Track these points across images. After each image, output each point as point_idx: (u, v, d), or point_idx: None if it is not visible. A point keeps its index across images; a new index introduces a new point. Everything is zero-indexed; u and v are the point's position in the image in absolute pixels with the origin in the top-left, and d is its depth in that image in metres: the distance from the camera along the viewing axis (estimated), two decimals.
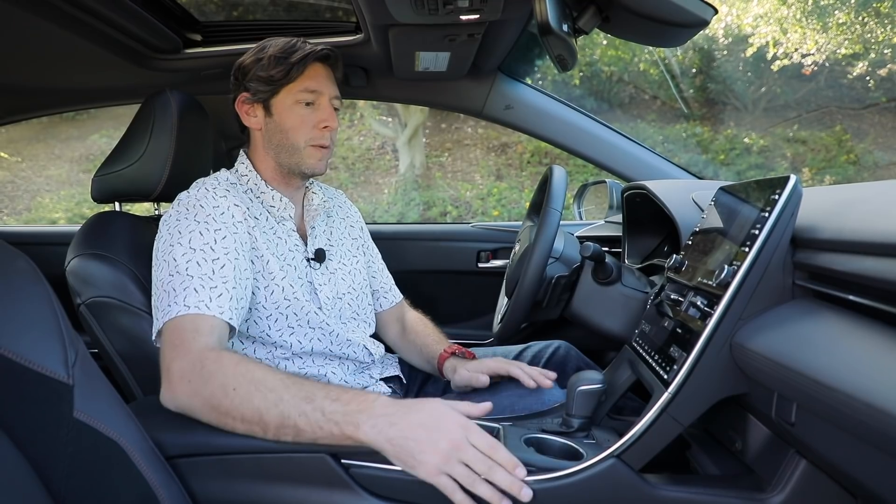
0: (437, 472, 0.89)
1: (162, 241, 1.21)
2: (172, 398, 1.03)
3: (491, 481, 0.89)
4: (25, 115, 2.24)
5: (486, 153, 9.03)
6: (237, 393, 0.97)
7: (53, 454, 0.79)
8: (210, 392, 0.99)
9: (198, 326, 1.08)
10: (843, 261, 0.82)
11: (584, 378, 1.12)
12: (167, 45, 1.70)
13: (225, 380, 0.99)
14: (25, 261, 0.84)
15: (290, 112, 1.34)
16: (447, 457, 0.89)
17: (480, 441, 0.91)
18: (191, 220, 1.21)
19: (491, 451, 0.90)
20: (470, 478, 0.89)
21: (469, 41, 1.59)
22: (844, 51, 8.08)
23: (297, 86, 1.33)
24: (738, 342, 0.90)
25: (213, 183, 1.31)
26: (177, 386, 1.02)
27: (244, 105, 1.38)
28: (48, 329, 0.81)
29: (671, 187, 1.50)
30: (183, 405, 1.02)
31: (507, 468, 0.90)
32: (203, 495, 1.00)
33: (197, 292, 1.11)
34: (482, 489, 0.89)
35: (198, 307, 1.09)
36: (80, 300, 1.32)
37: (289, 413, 0.95)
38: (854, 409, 0.66)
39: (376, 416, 0.92)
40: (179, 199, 1.27)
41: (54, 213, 8.28)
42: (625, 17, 1.15)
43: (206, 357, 1.03)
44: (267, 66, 1.32)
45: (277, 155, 1.37)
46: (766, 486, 0.93)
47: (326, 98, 1.36)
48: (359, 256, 1.57)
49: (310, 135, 1.35)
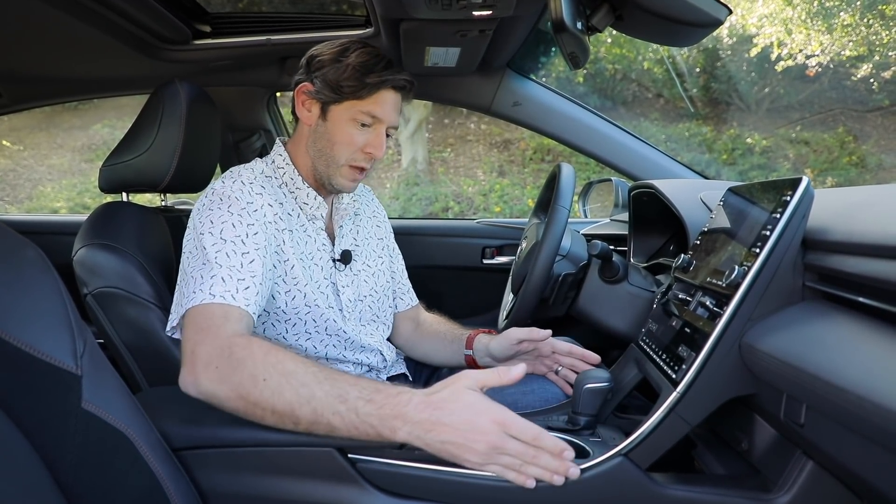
0: (483, 465, 0.90)
1: (192, 230, 1.20)
2: (195, 383, 0.99)
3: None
4: (34, 104, 2.24)
5: (489, 149, 9.03)
6: (267, 384, 0.95)
7: (61, 444, 0.79)
8: (238, 381, 0.96)
9: (227, 313, 1.06)
10: (854, 263, 0.82)
11: (590, 376, 1.12)
12: (176, 36, 1.70)
13: (255, 370, 0.96)
14: (34, 250, 0.84)
15: (345, 127, 1.30)
16: (488, 455, 0.89)
17: (521, 432, 0.89)
18: (224, 210, 1.18)
19: (534, 441, 0.89)
20: (517, 465, 0.90)
21: (480, 37, 1.58)
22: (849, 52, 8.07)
23: (362, 105, 1.28)
24: (748, 343, 0.90)
25: (249, 176, 1.27)
26: (202, 371, 0.99)
27: (303, 95, 1.32)
28: (57, 319, 0.81)
29: (679, 187, 1.49)
30: (206, 391, 0.98)
31: (554, 454, 0.90)
32: (209, 488, 1.00)
33: (224, 282, 1.09)
34: (532, 471, 0.90)
35: (223, 297, 1.07)
36: (87, 290, 1.31)
37: (322, 411, 0.93)
38: (865, 411, 0.66)
39: (412, 422, 0.90)
40: (214, 188, 1.24)
41: (56, 203, 8.28)
42: (638, 15, 1.14)
43: (235, 343, 1.00)
44: (342, 73, 1.27)
45: (316, 159, 1.34)
46: (772, 486, 0.93)
47: (384, 126, 1.33)
48: (384, 257, 1.55)
49: (353, 155, 1.31)
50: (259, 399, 0.95)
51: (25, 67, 1.84)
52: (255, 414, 0.96)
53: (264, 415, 0.95)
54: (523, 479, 0.90)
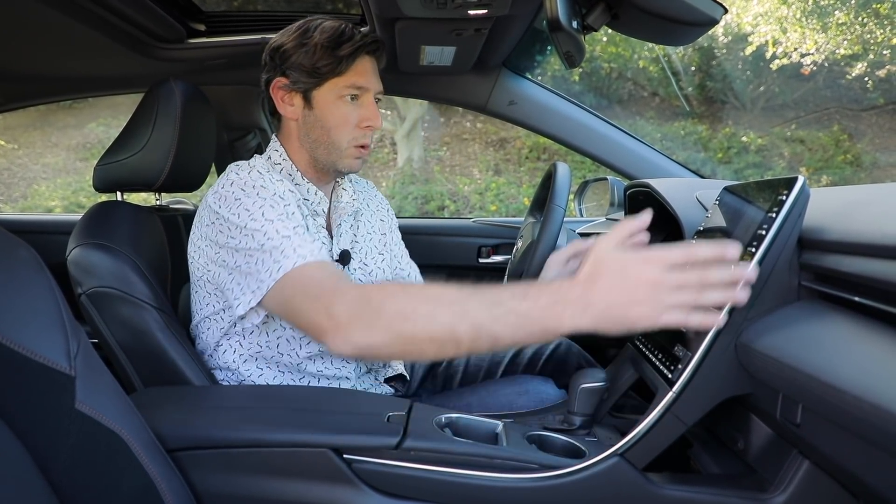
0: (657, 316, 0.86)
1: (223, 222, 1.16)
2: (347, 341, 0.97)
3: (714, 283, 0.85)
4: (27, 103, 2.23)
5: (485, 148, 9.03)
6: (419, 314, 0.94)
7: (55, 446, 0.78)
8: (388, 322, 0.95)
9: (328, 269, 1.05)
10: (850, 262, 0.82)
11: (586, 376, 1.12)
12: (171, 35, 1.69)
13: (400, 305, 0.96)
14: (27, 250, 0.83)
15: (334, 108, 1.26)
16: (654, 299, 0.85)
17: (673, 257, 0.87)
18: (254, 196, 1.15)
19: (688, 258, 0.86)
20: (693, 300, 0.85)
21: (475, 36, 1.58)
22: (843, 51, 8.10)
23: (343, 80, 1.25)
24: (744, 343, 0.90)
25: (263, 166, 1.26)
26: (350, 328, 0.97)
27: (280, 91, 1.29)
28: (50, 319, 0.80)
29: (675, 186, 1.49)
30: (362, 344, 0.97)
31: (716, 258, 0.86)
32: (204, 488, 1.00)
33: (302, 246, 1.08)
34: (712, 298, 0.85)
35: (313, 254, 1.07)
36: (82, 290, 1.31)
37: (481, 322, 0.91)
38: (862, 411, 0.66)
39: (572, 303, 0.89)
40: (233, 181, 1.20)
41: (50, 201, 8.25)
42: (634, 14, 1.14)
43: (368, 291, 1.00)
44: (312, 54, 1.23)
45: (314, 150, 1.31)
46: (768, 486, 0.93)
47: (371, 94, 1.30)
48: (385, 254, 1.52)
49: (353, 134, 1.28)
50: (414, 332, 0.94)
51: (19, 66, 1.83)
52: (414, 351, 0.97)
53: (423, 346, 0.95)
54: (711, 318, 0.86)
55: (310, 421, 1.03)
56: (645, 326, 0.87)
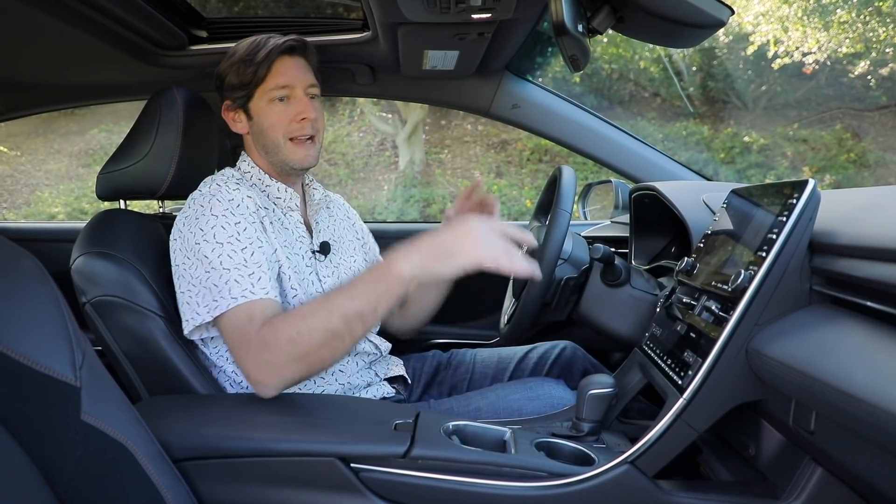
0: (483, 256, 1.04)
1: (184, 241, 1.25)
2: (267, 390, 1.10)
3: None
4: (30, 111, 2.22)
5: (486, 150, 9.01)
6: (301, 332, 1.07)
7: (60, 457, 0.78)
8: (285, 355, 1.07)
9: (251, 315, 1.14)
10: (862, 267, 0.81)
11: (595, 382, 1.11)
12: (173, 42, 1.68)
13: (287, 334, 1.08)
14: (32, 260, 0.83)
15: (267, 111, 1.36)
16: (476, 239, 1.05)
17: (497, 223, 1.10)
18: (209, 215, 1.23)
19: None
20: (504, 245, 1.06)
21: (479, 40, 1.57)
22: (846, 50, 8.06)
23: (267, 84, 1.34)
24: (755, 348, 0.89)
25: (222, 178, 1.35)
26: (263, 377, 1.09)
27: (228, 113, 1.41)
28: (55, 330, 0.80)
29: (681, 189, 1.49)
30: (279, 384, 1.10)
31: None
32: (210, 499, 0.99)
33: (238, 283, 1.16)
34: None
35: (244, 296, 1.15)
36: (86, 299, 1.30)
37: (345, 308, 1.07)
38: (878, 419, 0.65)
39: (409, 259, 1.07)
40: (193, 197, 1.30)
41: (53, 208, 8.25)
42: (639, 17, 1.13)
43: (263, 335, 1.10)
44: (237, 71, 1.34)
45: (267, 154, 1.40)
46: (780, 493, 0.92)
47: (300, 90, 1.37)
48: (361, 254, 1.59)
49: (287, 129, 1.36)
50: (308, 348, 1.07)
51: (21, 75, 1.83)
52: (315, 363, 1.09)
53: (320, 355, 1.08)
54: (519, 262, 1.05)
55: (317, 430, 1.03)
56: (467, 263, 1.04)
